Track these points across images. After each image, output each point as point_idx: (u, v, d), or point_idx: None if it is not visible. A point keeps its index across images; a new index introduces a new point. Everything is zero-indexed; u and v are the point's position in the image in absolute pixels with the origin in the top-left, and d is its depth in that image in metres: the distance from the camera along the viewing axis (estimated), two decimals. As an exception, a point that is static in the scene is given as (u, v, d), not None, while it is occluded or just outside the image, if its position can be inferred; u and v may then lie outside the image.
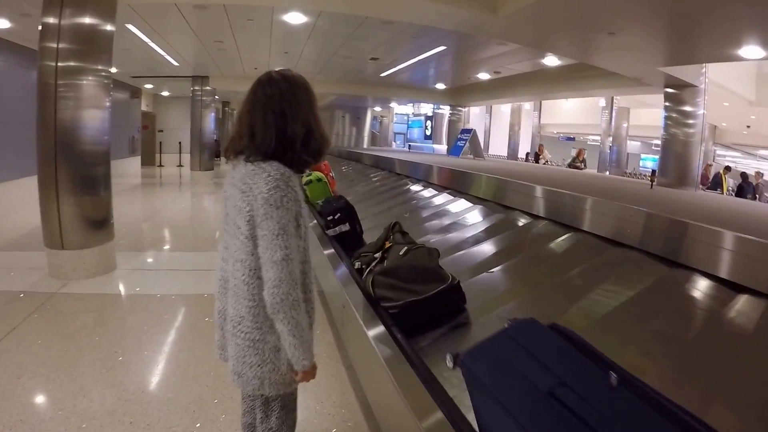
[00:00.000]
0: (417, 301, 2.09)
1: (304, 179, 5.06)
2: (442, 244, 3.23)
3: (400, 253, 2.31)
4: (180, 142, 15.29)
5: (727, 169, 9.38)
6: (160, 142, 15.84)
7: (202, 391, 2.28)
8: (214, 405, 2.17)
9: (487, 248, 3.13)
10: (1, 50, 6.14)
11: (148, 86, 13.91)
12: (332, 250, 3.30)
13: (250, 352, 1.19)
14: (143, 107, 14.71)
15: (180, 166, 15.56)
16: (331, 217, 3.59)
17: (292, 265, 1.10)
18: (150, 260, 4.77)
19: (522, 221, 3.56)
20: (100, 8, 3.82)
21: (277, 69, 1.25)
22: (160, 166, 15.54)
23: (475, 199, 4.38)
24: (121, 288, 3.84)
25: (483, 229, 3.54)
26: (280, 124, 1.17)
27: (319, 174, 5.20)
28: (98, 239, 3.98)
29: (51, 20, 3.64)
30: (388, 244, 2.50)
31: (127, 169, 12.79)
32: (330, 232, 3.53)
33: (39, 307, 3.22)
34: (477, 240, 3.32)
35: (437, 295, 2.11)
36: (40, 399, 2.17)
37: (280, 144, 1.17)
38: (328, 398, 2.27)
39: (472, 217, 3.96)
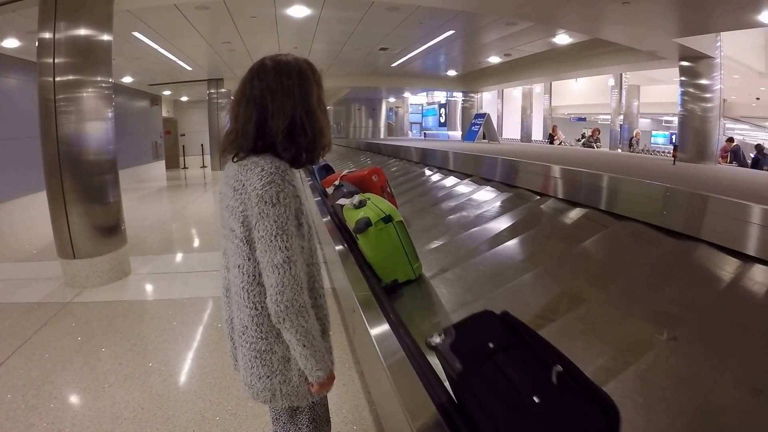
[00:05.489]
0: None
1: (352, 217, 2.36)
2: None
3: None
4: (202, 144, 15.68)
5: (730, 140, 9.05)
6: (183, 146, 16.37)
7: (205, 407, 2.21)
8: (216, 423, 2.09)
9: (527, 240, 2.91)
10: (15, 68, 6.40)
11: (167, 93, 14.19)
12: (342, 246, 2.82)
13: (257, 363, 1.10)
14: (164, 113, 15.10)
15: (204, 167, 15.99)
16: None
17: (295, 268, 0.99)
18: (165, 263, 4.76)
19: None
20: (94, 18, 3.76)
21: (273, 55, 1.14)
22: (185, 168, 15.93)
23: (502, 186, 4.20)
24: (132, 294, 3.84)
25: (515, 221, 3.31)
26: (258, 119, 1.06)
27: (381, 204, 2.31)
28: (110, 246, 3.99)
29: (46, 35, 3.61)
30: None
31: (152, 173, 13.16)
32: None
33: (51, 318, 3.25)
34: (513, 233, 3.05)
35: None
36: (38, 419, 2.12)
37: (261, 139, 1.07)
38: (339, 412, 2.12)
39: (497, 205, 3.77)
